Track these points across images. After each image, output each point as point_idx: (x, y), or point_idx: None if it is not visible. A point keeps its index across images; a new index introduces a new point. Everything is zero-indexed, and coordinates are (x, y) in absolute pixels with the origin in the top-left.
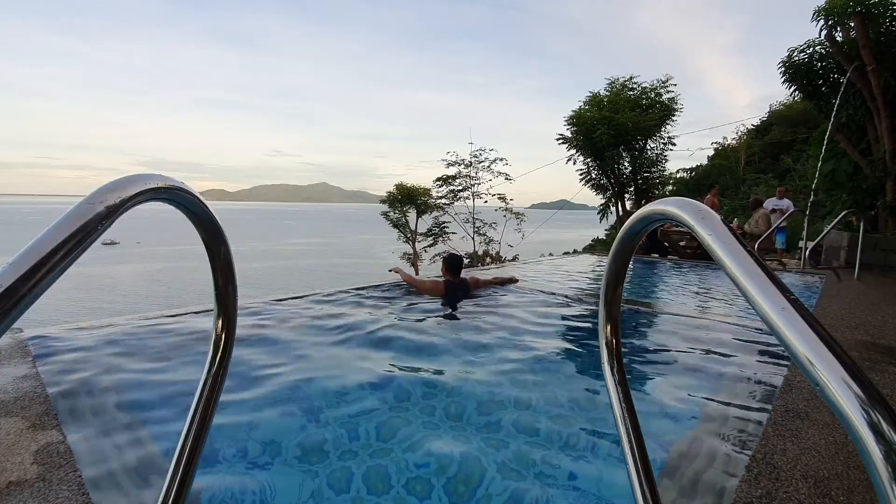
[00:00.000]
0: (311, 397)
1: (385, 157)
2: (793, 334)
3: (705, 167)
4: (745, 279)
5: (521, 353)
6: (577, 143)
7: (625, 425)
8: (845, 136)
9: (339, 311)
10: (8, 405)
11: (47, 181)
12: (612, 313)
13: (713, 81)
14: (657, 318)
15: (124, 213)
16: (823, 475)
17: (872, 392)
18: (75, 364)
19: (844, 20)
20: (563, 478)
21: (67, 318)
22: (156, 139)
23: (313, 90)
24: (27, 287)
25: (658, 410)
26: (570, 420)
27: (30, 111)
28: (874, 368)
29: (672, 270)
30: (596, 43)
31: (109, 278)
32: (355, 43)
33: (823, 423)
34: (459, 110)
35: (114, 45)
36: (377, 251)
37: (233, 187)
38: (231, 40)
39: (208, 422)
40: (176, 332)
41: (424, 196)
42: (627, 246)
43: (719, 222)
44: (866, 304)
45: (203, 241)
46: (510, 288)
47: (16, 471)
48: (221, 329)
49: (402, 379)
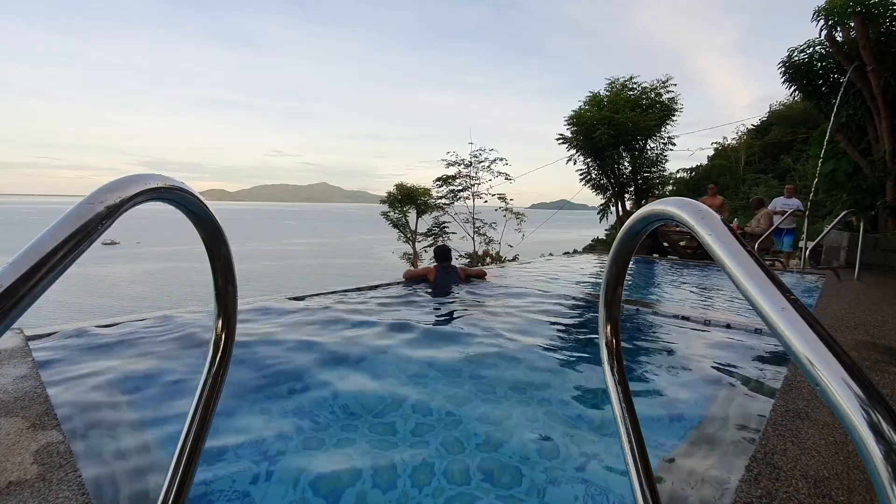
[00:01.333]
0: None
1: (385, 157)
2: (793, 334)
3: (705, 167)
4: (745, 279)
5: (521, 353)
6: (577, 143)
7: (625, 425)
8: (845, 136)
9: (338, 311)
10: (8, 405)
11: (47, 181)
12: (612, 313)
13: (713, 81)
14: (657, 318)
15: (124, 213)
16: (823, 475)
17: (872, 392)
18: (75, 364)
19: (844, 20)
20: (563, 477)
21: (67, 318)
22: (156, 139)
23: (313, 90)
24: (27, 287)
25: (658, 410)
26: (570, 420)
27: (30, 111)
28: (874, 368)
29: (672, 270)
30: (596, 43)
31: (109, 278)
32: (355, 43)
33: (823, 423)
34: (459, 110)
35: (114, 45)
36: (377, 251)
37: (233, 187)
38: (231, 40)
39: (208, 422)
40: (176, 332)
41: (424, 196)
42: (627, 246)
43: (719, 222)
44: (866, 304)
45: (203, 241)
46: (510, 288)
47: (16, 471)
48: (221, 329)
49: (396, 387)
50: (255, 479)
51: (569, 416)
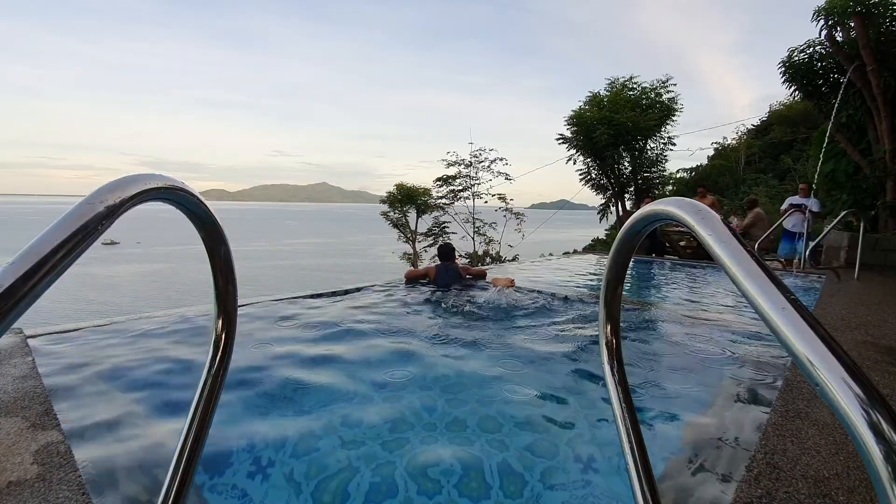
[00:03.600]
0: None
1: (385, 157)
2: (793, 334)
3: (705, 167)
4: (745, 279)
5: (520, 353)
6: (577, 143)
7: (625, 425)
8: (845, 136)
9: (336, 311)
10: (8, 405)
11: (47, 181)
12: (612, 313)
13: (713, 81)
14: (657, 318)
15: (124, 213)
16: (823, 475)
17: (872, 392)
18: (75, 364)
19: (844, 20)
20: (563, 477)
21: (66, 318)
22: (156, 139)
23: (313, 90)
24: (27, 287)
25: (658, 410)
26: (570, 419)
27: (30, 111)
28: (874, 368)
29: (672, 270)
30: (596, 43)
31: (109, 278)
32: (356, 43)
33: (823, 423)
34: (459, 110)
35: (113, 44)
36: (377, 251)
37: (233, 187)
38: (231, 40)
39: (208, 422)
40: (176, 332)
41: (424, 196)
42: (627, 246)
43: (719, 222)
44: (866, 304)
45: (203, 241)
46: (510, 287)
47: (16, 471)
48: (221, 329)
49: (395, 383)
50: (251, 477)
51: (568, 416)
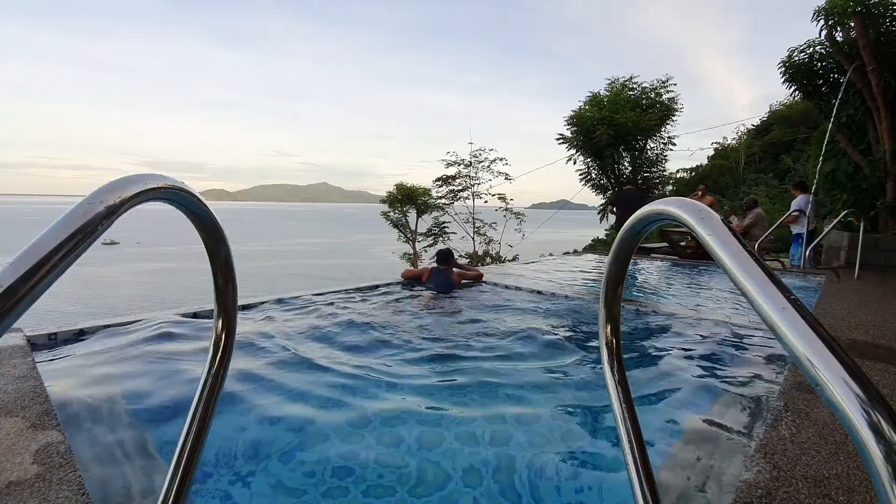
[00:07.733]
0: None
1: (385, 157)
2: (793, 334)
3: (705, 167)
4: (745, 279)
5: (520, 353)
6: (577, 143)
7: (625, 425)
8: (845, 136)
9: (335, 310)
10: (8, 405)
11: (47, 181)
12: (612, 313)
13: (713, 81)
14: (657, 318)
15: (124, 213)
16: (823, 475)
17: (872, 392)
18: (75, 364)
19: (844, 20)
20: (563, 477)
21: (66, 318)
22: (156, 139)
23: (313, 90)
24: (27, 287)
25: (658, 410)
26: (570, 419)
27: (30, 111)
28: (874, 368)
29: (672, 270)
30: (596, 43)
31: (109, 278)
32: (356, 42)
33: (823, 423)
34: (459, 110)
35: (114, 44)
36: (377, 251)
37: (233, 187)
38: (231, 40)
39: (208, 422)
40: (176, 332)
41: (424, 196)
42: (628, 246)
43: (719, 222)
44: (866, 304)
45: (203, 241)
46: (510, 287)
47: (16, 471)
48: (221, 329)
49: (395, 380)
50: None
51: (568, 416)
